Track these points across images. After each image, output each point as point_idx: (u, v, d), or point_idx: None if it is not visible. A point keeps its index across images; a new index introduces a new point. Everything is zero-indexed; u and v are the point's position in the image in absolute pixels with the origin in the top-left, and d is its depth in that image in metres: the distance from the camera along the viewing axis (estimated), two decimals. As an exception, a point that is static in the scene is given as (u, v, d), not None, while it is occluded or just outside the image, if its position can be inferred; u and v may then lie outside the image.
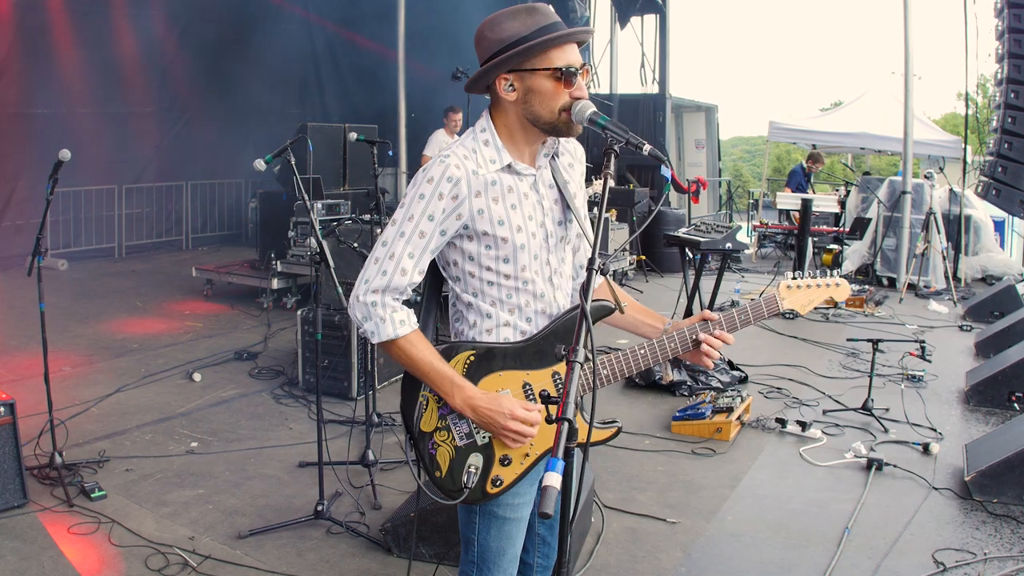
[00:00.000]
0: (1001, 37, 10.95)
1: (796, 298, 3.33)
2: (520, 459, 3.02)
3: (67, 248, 16.01)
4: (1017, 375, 8.39)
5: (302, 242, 11.71)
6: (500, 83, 2.91)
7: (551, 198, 3.10)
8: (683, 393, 8.75)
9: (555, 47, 2.86)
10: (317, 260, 5.91)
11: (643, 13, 20.58)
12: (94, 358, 9.65)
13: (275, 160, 6.08)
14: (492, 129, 3.00)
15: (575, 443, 2.38)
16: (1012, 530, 5.83)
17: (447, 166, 2.87)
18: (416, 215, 2.88)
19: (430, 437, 3.05)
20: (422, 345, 2.96)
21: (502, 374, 3.02)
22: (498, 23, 2.90)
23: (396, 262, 2.90)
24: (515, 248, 2.96)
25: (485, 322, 3.05)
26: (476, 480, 2.99)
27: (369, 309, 2.92)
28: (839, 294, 3.38)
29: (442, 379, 2.93)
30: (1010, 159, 10.66)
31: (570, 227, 3.18)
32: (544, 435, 3.00)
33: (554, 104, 2.87)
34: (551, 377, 3.04)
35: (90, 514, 5.74)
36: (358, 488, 6.31)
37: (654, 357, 3.15)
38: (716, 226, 10.23)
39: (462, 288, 3.07)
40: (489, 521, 3.12)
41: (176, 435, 7.42)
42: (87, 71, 15.95)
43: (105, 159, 16.20)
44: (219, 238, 19.43)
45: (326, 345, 8.00)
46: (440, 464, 3.04)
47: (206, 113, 18.60)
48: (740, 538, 5.77)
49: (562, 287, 3.18)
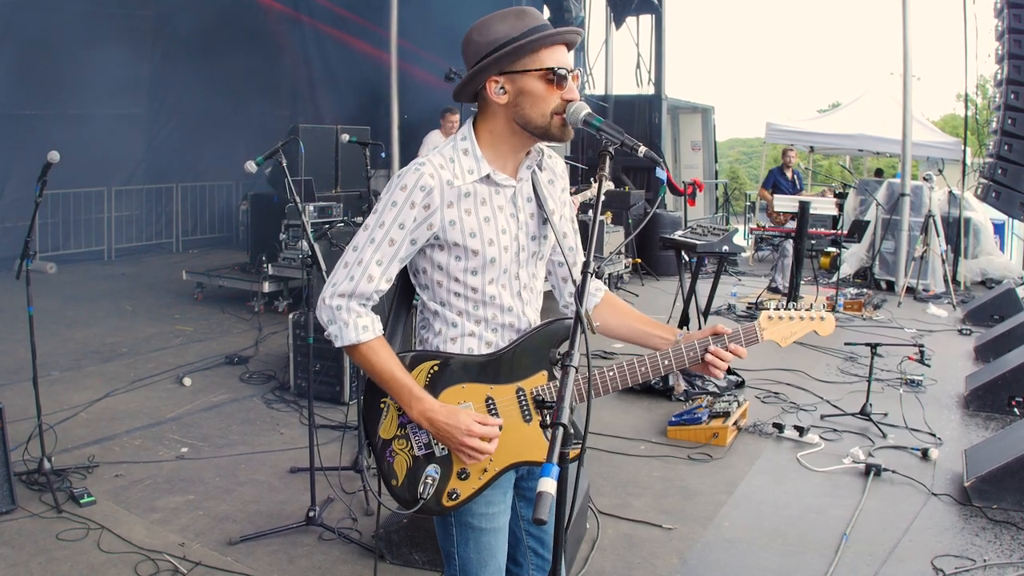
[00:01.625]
0: (1001, 38, 10.95)
1: (777, 330, 3.26)
2: (478, 474, 3.00)
3: (56, 251, 16.04)
4: (1017, 379, 8.41)
5: (293, 245, 11.69)
6: (491, 86, 2.90)
7: (528, 211, 3.08)
8: (679, 398, 8.74)
9: (545, 47, 2.86)
10: (309, 263, 5.92)
11: (638, 13, 20.56)
12: (83, 362, 9.63)
13: (266, 162, 6.08)
14: (473, 138, 2.99)
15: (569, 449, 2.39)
16: (1012, 536, 5.84)
17: (421, 175, 2.86)
18: (387, 222, 2.88)
19: (389, 444, 3.05)
20: (384, 353, 2.96)
21: (465, 386, 3.01)
22: (486, 27, 2.90)
23: (364, 268, 2.90)
24: (485, 261, 2.96)
25: (450, 331, 3.05)
26: (432, 492, 2.98)
27: (334, 312, 2.93)
28: (823, 329, 3.30)
29: (401, 389, 2.93)
30: (1010, 161, 10.66)
31: (545, 243, 3.16)
32: (504, 450, 2.99)
33: (545, 107, 2.87)
34: (515, 393, 3.03)
35: (79, 520, 5.73)
36: (350, 494, 6.29)
37: (667, 367, 3.12)
38: (712, 229, 10.24)
39: (429, 296, 3.07)
40: (466, 533, 3.10)
41: (166, 440, 7.41)
42: (75, 72, 15.93)
43: (94, 161, 16.14)
44: (210, 241, 19.39)
45: (318, 349, 7.97)
46: (397, 472, 3.04)
47: (196, 114, 18.52)
48: (737, 545, 5.78)
49: (532, 302, 3.17)
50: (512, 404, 3.02)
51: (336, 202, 12.42)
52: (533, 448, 3.02)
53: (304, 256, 6.03)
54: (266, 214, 13.19)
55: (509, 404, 3.02)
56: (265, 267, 12.03)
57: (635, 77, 20.96)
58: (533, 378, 3.03)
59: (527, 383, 3.03)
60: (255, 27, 19.45)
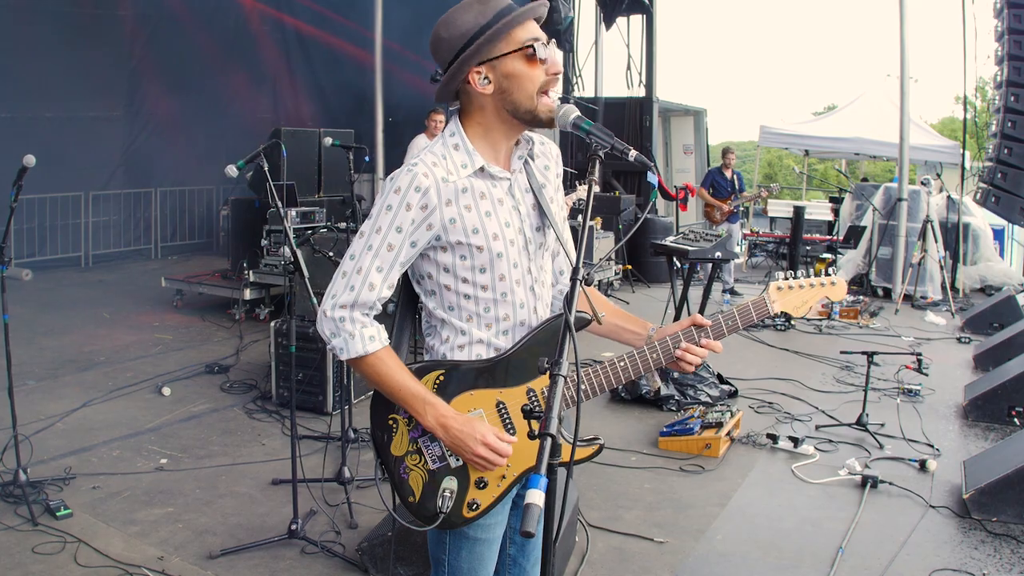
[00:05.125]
0: (1001, 39, 11.00)
1: (789, 300, 3.21)
2: (497, 481, 3.00)
3: (32, 257, 15.95)
4: (1017, 389, 8.43)
5: (275, 251, 11.65)
6: (474, 78, 2.89)
7: (528, 203, 3.07)
8: (671, 408, 8.75)
9: (518, 26, 2.86)
10: (291, 270, 5.91)
11: (629, 13, 20.55)
12: (59, 371, 9.61)
13: (247, 166, 6.07)
14: (461, 132, 2.98)
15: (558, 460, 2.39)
16: (1012, 550, 5.86)
17: (414, 175, 2.84)
18: (384, 227, 2.86)
19: (402, 461, 3.03)
20: (392, 363, 2.93)
21: (474, 393, 2.99)
22: (452, 21, 2.89)
23: (364, 277, 2.87)
24: (492, 257, 2.94)
25: (458, 338, 3.03)
26: (452, 504, 2.96)
27: (337, 325, 2.90)
28: (835, 293, 3.24)
29: (413, 397, 2.90)
30: (1010, 165, 10.70)
31: (548, 233, 3.15)
32: (521, 455, 2.98)
33: (532, 86, 2.86)
34: (526, 394, 3.02)
35: (55, 533, 5.72)
36: (333, 506, 6.29)
37: (635, 369, 3.11)
38: (705, 234, 10.27)
39: (436, 303, 3.04)
40: (460, 542, 3.09)
41: (145, 451, 7.39)
42: (52, 73, 15.91)
43: (71, 165, 16.09)
44: (189, 247, 19.31)
45: (300, 358, 7.97)
46: (413, 489, 3.02)
47: (176, 117, 18.42)
48: (730, 558, 5.79)
49: (543, 297, 3.14)
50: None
51: (319, 207, 12.41)
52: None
53: (286, 262, 6.01)
54: (247, 219, 13.13)
55: (526, 405, 3.00)
56: (246, 274, 12.00)
57: (625, 79, 20.95)
58: (544, 377, 2.95)
59: (537, 383, 3.02)
60: (236, 27, 19.44)
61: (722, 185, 15.77)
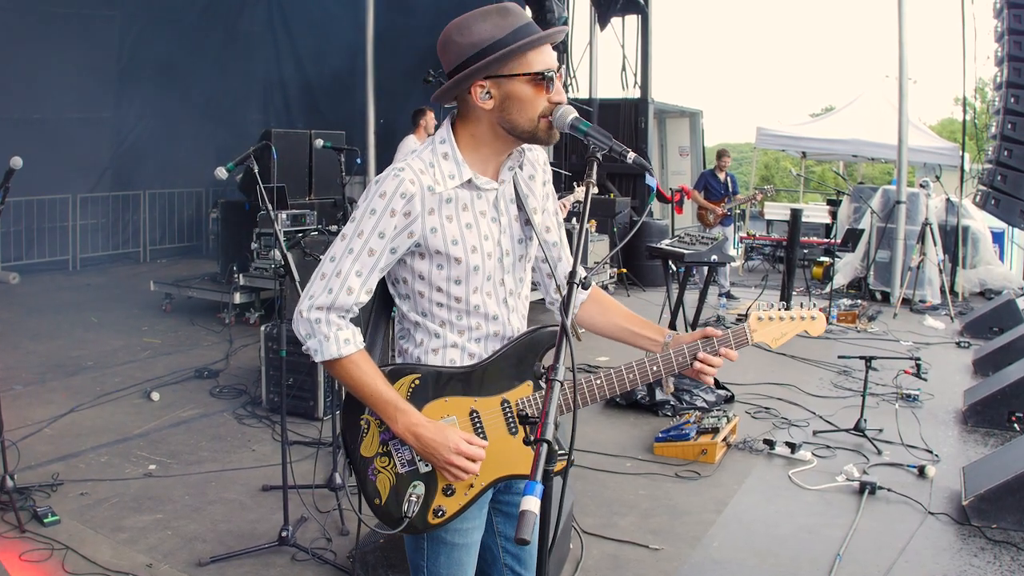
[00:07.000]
0: (1000, 39, 11.02)
1: (768, 331, 3.29)
2: (464, 490, 3.00)
3: (19, 261, 15.97)
4: (1017, 394, 8.44)
5: (266, 254, 11.66)
6: (476, 91, 2.85)
7: (511, 214, 3.07)
8: (666, 413, 8.74)
9: (533, 49, 2.82)
10: (281, 273, 5.91)
11: (624, 14, 20.46)
12: (47, 376, 9.60)
13: (237, 168, 6.07)
14: (452, 141, 2.96)
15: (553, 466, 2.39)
16: (1012, 557, 5.87)
17: (401, 180, 2.84)
18: (366, 231, 2.86)
19: (370, 463, 3.04)
20: (366, 366, 2.94)
21: (448, 400, 3.00)
22: (468, 26, 2.85)
23: (343, 280, 2.88)
24: (468, 269, 2.94)
25: (432, 341, 3.04)
26: (417, 509, 2.98)
27: (313, 326, 2.90)
28: (814, 328, 3.34)
29: (385, 403, 2.91)
30: (1010, 167, 10.72)
31: (530, 244, 3.15)
32: (490, 465, 3.00)
33: (533, 111, 2.84)
34: (500, 405, 3.03)
35: (43, 540, 5.70)
36: (324, 513, 6.28)
37: (653, 374, 3.13)
38: (701, 238, 10.28)
39: (410, 307, 3.05)
40: (438, 547, 3.11)
41: (133, 457, 7.38)
42: (39, 75, 15.89)
43: (58, 167, 16.07)
44: (178, 250, 19.33)
45: (291, 363, 7.93)
46: (380, 491, 3.04)
47: (164, 119, 18.38)
48: (726, 565, 5.79)
49: (518, 309, 3.15)
50: (497, 417, 3.02)
51: (310, 210, 12.43)
52: (519, 462, 3.02)
53: (276, 266, 6.00)
54: (237, 222, 13.13)
55: (494, 417, 3.02)
56: (236, 277, 12.02)
57: (620, 80, 20.93)
58: (518, 389, 3.03)
59: (512, 394, 3.03)
60: (226, 26, 19.45)
61: (715, 187, 15.77)
